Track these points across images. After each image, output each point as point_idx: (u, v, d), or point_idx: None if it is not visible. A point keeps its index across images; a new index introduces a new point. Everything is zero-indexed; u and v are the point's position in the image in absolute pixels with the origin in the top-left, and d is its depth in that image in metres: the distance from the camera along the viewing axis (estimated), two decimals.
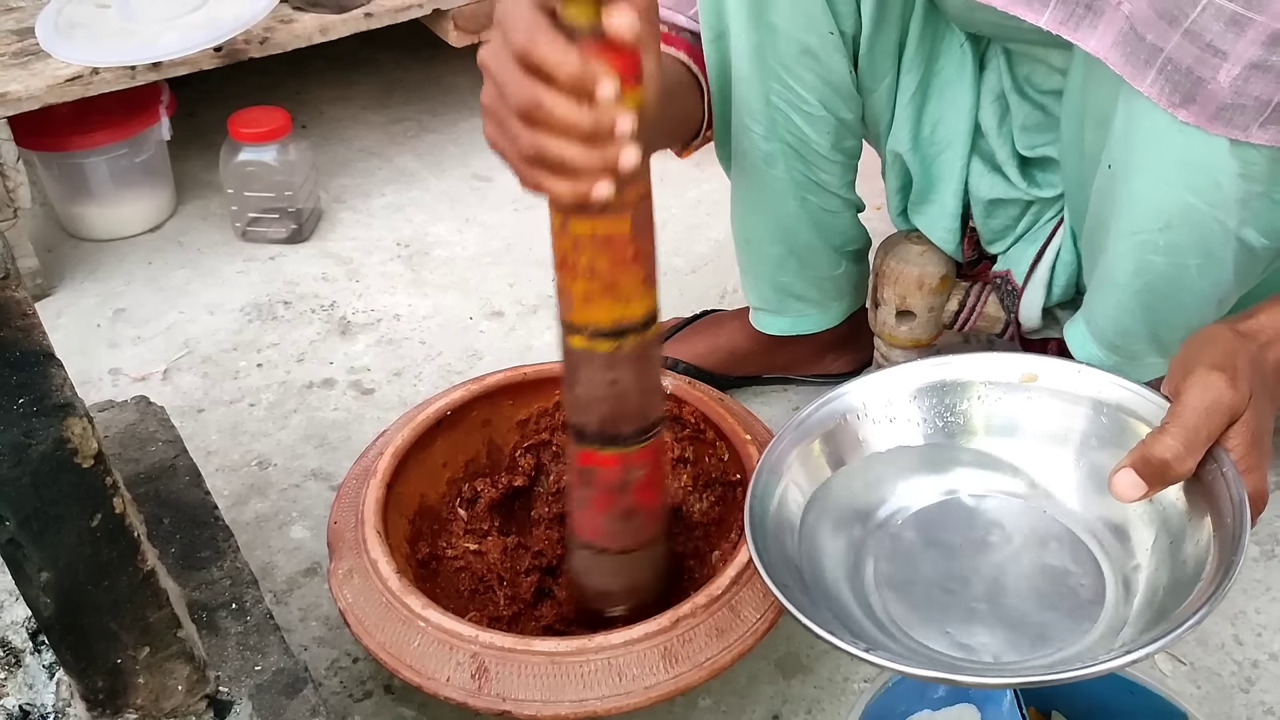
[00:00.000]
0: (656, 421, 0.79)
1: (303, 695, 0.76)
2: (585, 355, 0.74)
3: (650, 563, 0.86)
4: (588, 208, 0.67)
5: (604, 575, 0.86)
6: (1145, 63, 0.71)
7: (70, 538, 0.60)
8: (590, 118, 0.62)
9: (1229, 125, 0.70)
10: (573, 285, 0.71)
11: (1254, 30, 0.66)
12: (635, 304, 0.72)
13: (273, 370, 1.27)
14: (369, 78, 1.81)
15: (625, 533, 0.82)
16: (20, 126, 1.28)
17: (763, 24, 0.89)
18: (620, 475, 0.79)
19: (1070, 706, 0.83)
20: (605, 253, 0.69)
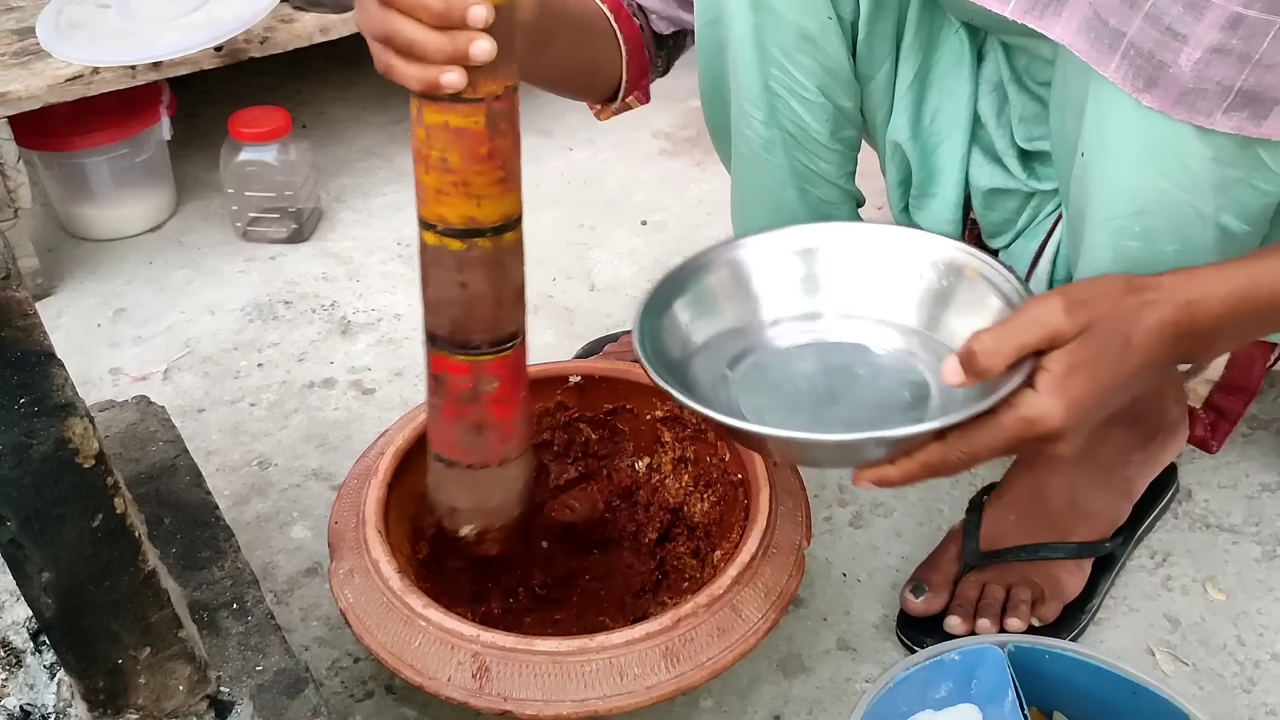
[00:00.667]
0: (512, 335, 0.76)
1: (304, 695, 0.76)
2: (436, 252, 0.72)
3: (502, 482, 0.82)
4: (438, 96, 0.66)
5: (452, 490, 0.82)
6: (1109, 48, 0.71)
7: (71, 538, 0.60)
8: (440, 2, 0.62)
9: (1192, 111, 0.70)
10: (425, 178, 0.70)
11: (1213, 13, 0.66)
12: (488, 205, 0.70)
13: (273, 370, 1.27)
14: (369, 78, 1.80)
15: (475, 446, 0.79)
16: (21, 126, 1.28)
17: (762, 7, 0.89)
18: (470, 385, 0.76)
19: (1072, 707, 0.83)
20: (457, 146, 0.68)
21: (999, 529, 0.99)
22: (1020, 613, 0.93)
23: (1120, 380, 0.71)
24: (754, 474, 0.88)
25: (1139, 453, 0.99)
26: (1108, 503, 0.99)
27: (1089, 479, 0.99)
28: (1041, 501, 0.99)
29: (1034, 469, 1.00)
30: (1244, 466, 1.12)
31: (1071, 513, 0.98)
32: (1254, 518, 1.08)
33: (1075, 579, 0.97)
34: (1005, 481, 1.02)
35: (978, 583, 0.96)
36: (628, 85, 0.98)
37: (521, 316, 0.77)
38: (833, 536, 1.06)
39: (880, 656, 0.96)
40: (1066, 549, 0.97)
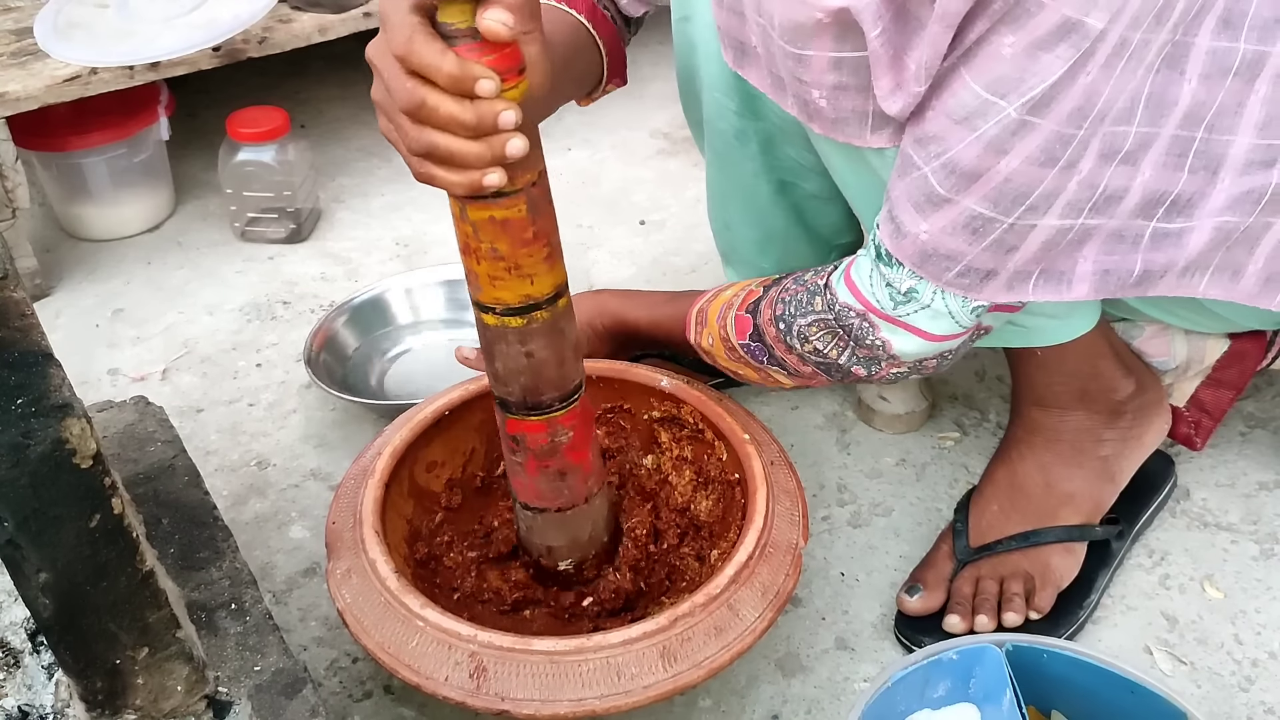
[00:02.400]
0: (577, 387, 0.82)
1: (302, 695, 0.76)
2: (499, 331, 0.77)
3: (588, 518, 0.88)
4: (481, 195, 0.69)
5: (546, 533, 0.88)
6: (781, 89, 0.82)
7: (69, 538, 0.60)
8: (473, 113, 0.65)
9: (845, 134, 0.79)
10: (478, 268, 0.74)
11: (815, 62, 0.75)
12: (540, 281, 0.75)
13: (272, 370, 1.27)
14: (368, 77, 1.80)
15: (560, 492, 0.85)
16: (19, 126, 1.28)
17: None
18: (548, 440, 0.82)
19: (1070, 706, 0.83)
20: (505, 236, 0.72)
21: (985, 522, 1.00)
22: (1015, 605, 0.94)
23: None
24: (751, 474, 0.88)
25: (1110, 431, 1.00)
26: (1087, 484, 1.00)
27: (1060, 461, 1.00)
28: (1019, 488, 1.00)
29: (1007, 457, 1.01)
30: (1242, 465, 1.13)
31: (1051, 496, 0.99)
32: (1252, 516, 1.08)
33: (1067, 563, 0.97)
34: (983, 477, 1.04)
35: (971, 578, 0.96)
36: (608, 77, 1.01)
37: (581, 367, 0.82)
38: (831, 536, 1.06)
39: (878, 656, 0.96)
40: (1055, 533, 0.97)
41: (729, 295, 0.94)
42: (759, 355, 0.91)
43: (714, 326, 0.94)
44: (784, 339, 0.88)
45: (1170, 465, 1.07)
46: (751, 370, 0.93)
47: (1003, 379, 1.23)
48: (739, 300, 0.92)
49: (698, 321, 0.96)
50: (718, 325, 0.93)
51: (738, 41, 0.84)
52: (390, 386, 1.24)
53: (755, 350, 0.91)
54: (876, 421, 1.17)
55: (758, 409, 1.11)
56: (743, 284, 0.94)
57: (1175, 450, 1.09)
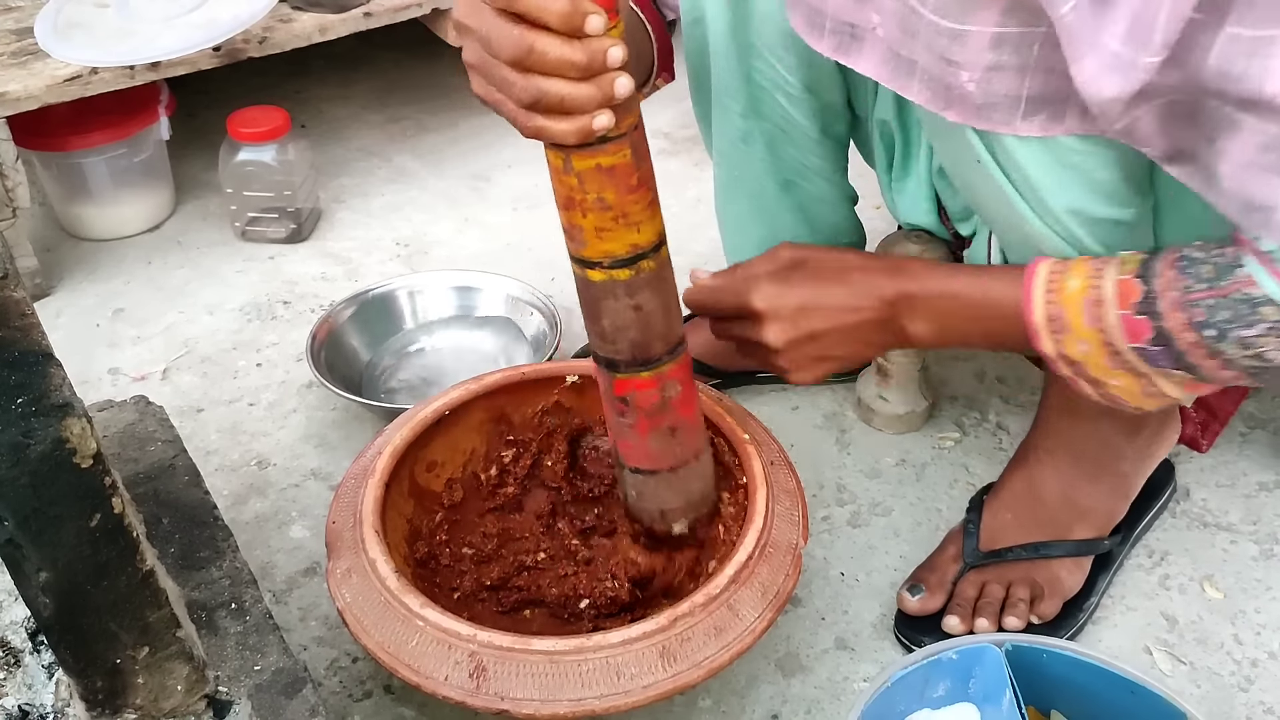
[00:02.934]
0: (681, 339, 0.81)
1: (302, 695, 0.76)
2: (607, 286, 0.76)
3: (700, 475, 0.88)
4: (590, 142, 0.68)
5: (660, 495, 0.87)
6: (907, 74, 0.76)
7: (69, 538, 0.60)
8: (584, 53, 0.64)
9: (991, 122, 0.73)
10: (584, 221, 0.73)
11: (974, 39, 0.69)
12: (646, 228, 0.74)
13: (272, 370, 1.27)
14: (368, 77, 1.81)
15: (672, 450, 0.84)
16: (19, 126, 1.28)
17: (741, 7, 0.90)
18: (658, 395, 0.81)
19: (1070, 706, 0.83)
20: (611, 183, 0.71)
21: (997, 528, 0.99)
22: (1018, 611, 0.93)
23: (830, 300, 0.84)
24: (752, 474, 0.88)
25: (1129, 447, 1.00)
26: (1103, 499, 0.99)
27: (1082, 475, 0.99)
28: (1038, 499, 0.99)
29: (1028, 466, 1.00)
30: (1242, 466, 1.13)
31: (1068, 510, 0.98)
32: (1252, 517, 1.08)
33: (1075, 577, 0.97)
34: (1001, 480, 1.02)
35: (977, 582, 0.96)
36: (658, 69, 0.99)
37: (681, 317, 0.81)
38: (831, 536, 1.06)
39: (878, 656, 0.96)
40: (1066, 547, 0.97)
41: (1080, 290, 0.76)
42: (1159, 360, 0.75)
43: (1086, 331, 0.76)
44: (1210, 346, 0.73)
45: (1171, 471, 1.07)
46: (1132, 378, 0.78)
47: (1003, 379, 1.23)
48: (1109, 297, 0.75)
49: (1052, 329, 0.78)
50: (1089, 328, 0.76)
51: (847, 25, 0.79)
52: (394, 386, 1.24)
53: (1156, 355, 0.75)
54: (876, 421, 1.17)
55: (757, 409, 1.11)
56: (1079, 269, 0.77)
57: (1175, 451, 1.09)
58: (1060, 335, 0.77)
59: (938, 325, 0.84)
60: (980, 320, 0.82)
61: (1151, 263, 0.74)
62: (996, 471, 1.07)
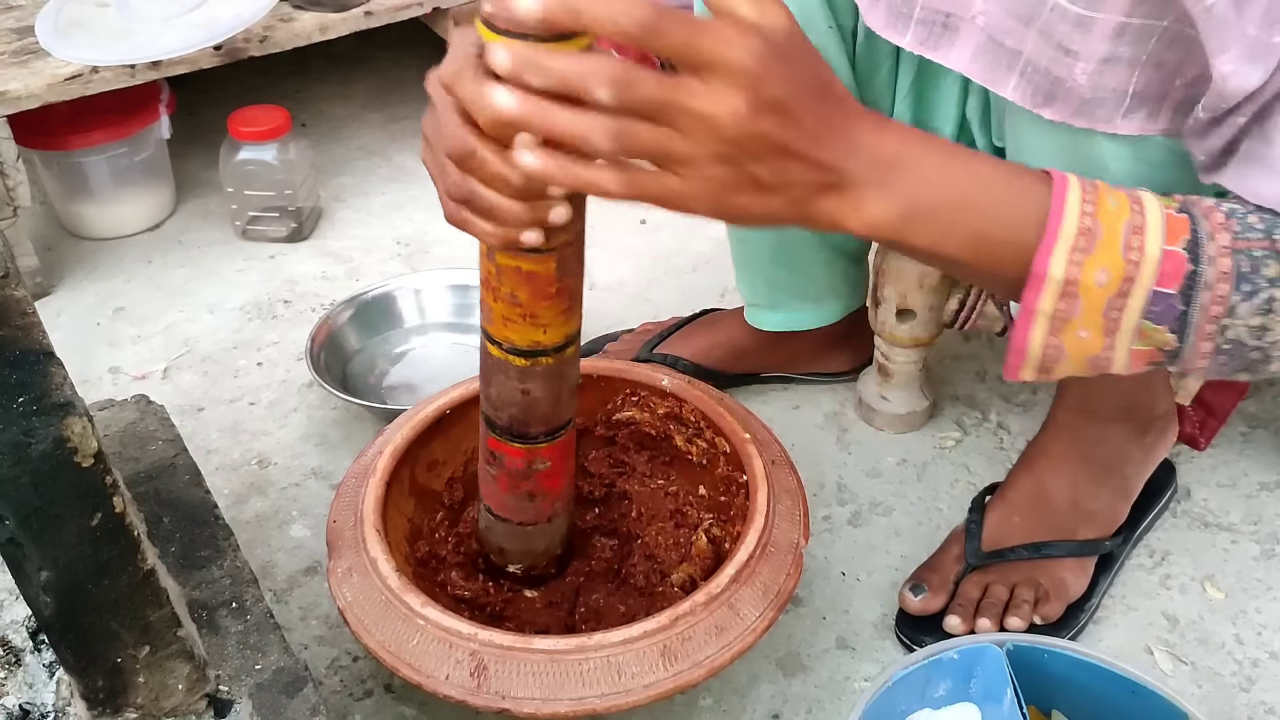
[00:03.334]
0: (566, 423, 0.81)
1: (303, 694, 0.76)
2: (500, 363, 0.76)
3: (547, 534, 0.89)
4: (512, 248, 0.67)
5: (502, 538, 0.89)
6: (1006, 68, 0.72)
7: (70, 537, 0.60)
8: (520, 179, 0.60)
9: (1093, 119, 0.70)
10: (493, 305, 0.72)
11: (1100, 26, 0.67)
12: (553, 331, 0.73)
13: (273, 369, 1.27)
14: (369, 76, 1.81)
15: (524, 510, 0.85)
16: (20, 125, 1.28)
17: None
18: (525, 465, 0.82)
19: (1071, 706, 0.83)
20: (527, 286, 0.70)
21: (1003, 529, 0.99)
22: (1022, 612, 0.93)
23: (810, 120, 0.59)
24: (753, 473, 0.88)
25: (1135, 449, 1.00)
26: (1108, 502, 0.99)
27: (1090, 479, 0.99)
28: (1046, 503, 0.99)
29: (1036, 469, 1.00)
30: (1243, 465, 1.13)
31: (1075, 513, 0.98)
32: (1253, 517, 1.08)
33: (1079, 579, 0.97)
34: (1008, 482, 1.02)
35: (980, 582, 0.96)
36: None
37: (574, 405, 0.81)
38: (832, 535, 1.06)
39: (879, 655, 0.96)
40: (1068, 547, 0.97)
41: (1121, 210, 0.63)
42: (1163, 315, 0.63)
43: (1116, 259, 0.62)
44: (1231, 305, 0.62)
45: (1172, 471, 1.07)
46: (1099, 337, 0.64)
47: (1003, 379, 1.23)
48: (1156, 226, 0.63)
49: (1078, 245, 0.63)
50: (1122, 257, 0.62)
51: (941, 14, 0.75)
52: (392, 386, 1.24)
53: (1166, 312, 0.63)
54: (877, 421, 1.17)
55: (758, 408, 1.11)
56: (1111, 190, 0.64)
57: (1176, 451, 1.09)
58: (1085, 255, 0.63)
59: (914, 208, 0.63)
60: (977, 215, 0.64)
61: (1191, 204, 0.64)
62: (997, 471, 1.08)
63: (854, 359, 1.21)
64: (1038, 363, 0.66)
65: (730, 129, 0.57)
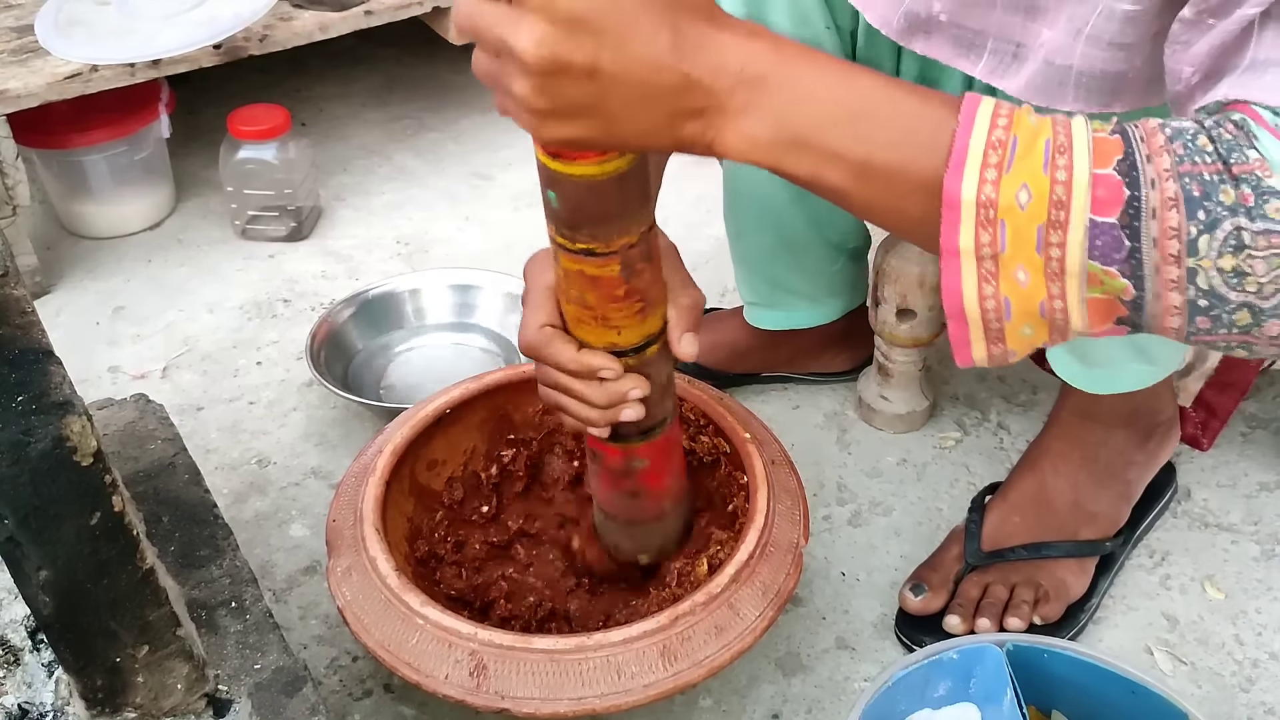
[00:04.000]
0: (660, 422, 0.80)
1: (302, 694, 0.76)
2: None
3: (659, 532, 0.89)
4: (571, 249, 0.69)
5: (615, 536, 0.89)
6: (1060, 84, 0.70)
7: (69, 536, 0.60)
8: (603, 394, 0.75)
9: (1159, 96, 0.67)
10: (566, 307, 0.74)
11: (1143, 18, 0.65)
12: (628, 333, 0.73)
13: (272, 368, 1.27)
14: (369, 75, 1.81)
15: (629, 508, 0.86)
16: (19, 124, 1.27)
17: (754, 16, 0.89)
18: (623, 464, 0.82)
19: (1071, 706, 0.83)
20: (594, 290, 0.70)
21: (1003, 530, 0.98)
22: (1021, 612, 0.93)
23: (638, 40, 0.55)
24: (753, 473, 0.88)
25: (1138, 453, 1.00)
26: (1110, 504, 0.99)
27: (1092, 481, 0.99)
28: (1047, 504, 0.99)
29: (1038, 470, 1.00)
30: (1243, 466, 1.12)
31: (1076, 515, 0.98)
32: (1253, 517, 1.08)
33: (1080, 580, 0.97)
34: (1009, 483, 1.02)
35: (980, 582, 0.96)
36: None
37: (669, 404, 0.81)
38: (831, 535, 1.06)
39: (879, 655, 0.96)
40: (1067, 547, 0.97)
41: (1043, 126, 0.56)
42: (1109, 253, 0.54)
43: (1038, 176, 0.54)
44: (1189, 239, 0.53)
45: (1172, 472, 1.07)
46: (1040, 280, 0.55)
47: (1004, 379, 1.23)
48: (1083, 145, 0.55)
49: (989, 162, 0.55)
50: (1044, 174, 0.54)
51: (1012, 44, 0.74)
52: (392, 385, 1.24)
53: (1109, 244, 0.54)
54: (877, 421, 1.17)
55: (758, 408, 1.11)
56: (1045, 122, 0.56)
57: (1176, 451, 1.09)
58: (999, 173, 0.54)
59: (788, 131, 0.57)
60: (862, 138, 0.57)
61: (1128, 125, 0.56)
62: (997, 471, 1.08)
63: (854, 358, 1.21)
64: (981, 327, 0.57)
65: (532, 55, 0.55)
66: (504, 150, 1.64)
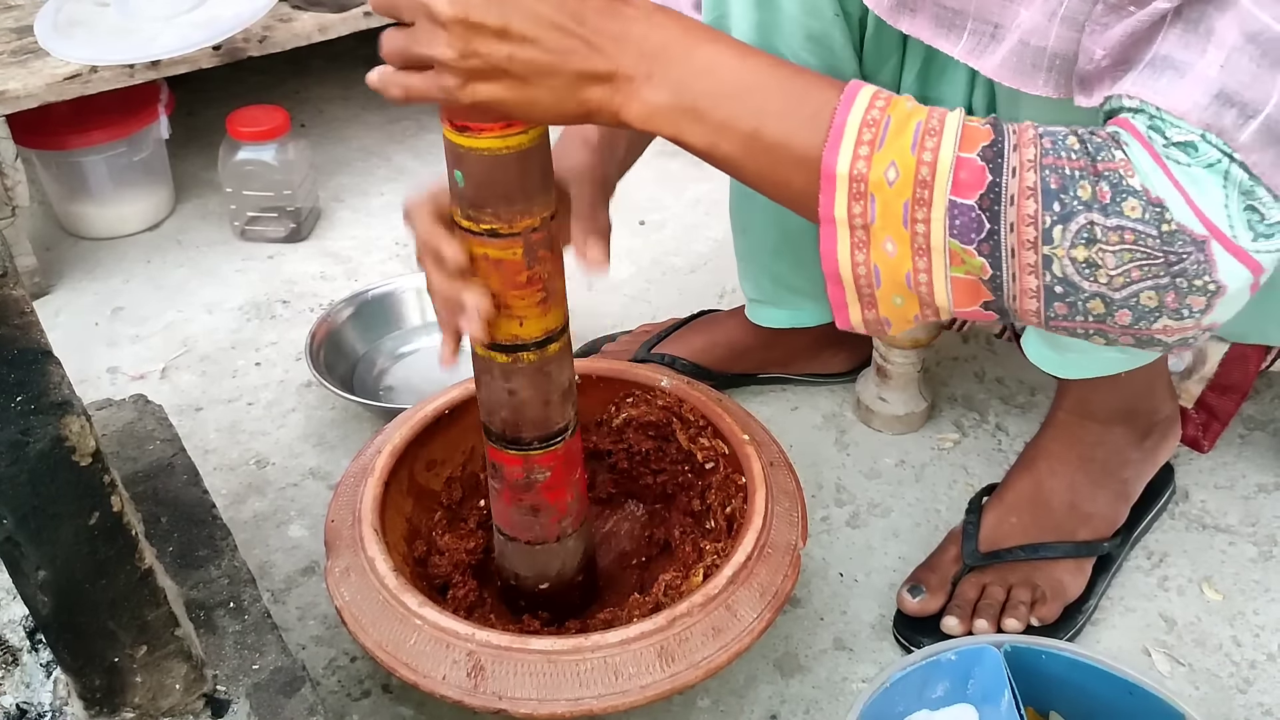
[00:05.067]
0: (561, 429, 0.81)
1: (300, 694, 0.76)
2: (484, 362, 0.78)
3: (559, 555, 0.87)
4: (476, 231, 0.71)
5: (515, 560, 0.89)
6: (1033, 66, 0.69)
7: (68, 536, 0.60)
8: (444, 284, 0.73)
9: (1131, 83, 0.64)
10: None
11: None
12: (530, 324, 0.75)
13: (271, 369, 1.27)
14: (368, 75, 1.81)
15: (531, 527, 0.85)
16: (19, 125, 1.28)
17: (766, 7, 0.89)
18: (523, 475, 0.82)
19: (1069, 707, 0.83)
20: (496, 274, 0.72)
21: (1000, 530, 0.98)
22: (1019, 613, 0.93)
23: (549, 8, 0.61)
24: (751, 474, 0.88)
25: (1135, 452, 1.00)
26: (1107, 504, 0.99)
27: (1089, 481, 0.99)
28: (1044, 504, 0.99)
29: (1035, 471, 1.00)
30: (1241, 467, 1.13)
31: (1073, 515, 0.98)
32: (1250, 518, 1.08)
33: (1077, 580, 0.97)
34: (1005, 483, 1.02)
35: (978, 583, 0.96)
36: None
37: (570, 411, 0.82)
38: (830, 536, 1.06)
39: (877, 656, 0.96)
40: (1065, 548, 0.97)
41: (916, 112, 0.62)
42: (968, 232, 0.60)
43: (905, 156, 0.61)
44: (1045, 229, 0.58)
45: (1170, 473, 1.07)
46: (907, 252, 0.62)
47: (1002, 380, 1.23)
48: (951, 131, 0.61)
49: (862, 139, 0.61)
50: (911, 155, 0.60)
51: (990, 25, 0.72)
52: (391, 386, 1.24)
53: (968, 224, 0.60)
54: (875, 422, 1.17)
55: (756, 409, 1.11)
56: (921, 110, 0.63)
57: (1175, 452, 1.09)
58: (871, 150, 0.61)
59: (685, 101, 0.63)
60: (752, 112, 0.63)
61: (1000, 120, 0.62)
62: (996, 472, 1.08)
63: (852, 358, 1.21)
64: (855, 291, 0.65)
65: (448, 12, 0.59)
66: None
